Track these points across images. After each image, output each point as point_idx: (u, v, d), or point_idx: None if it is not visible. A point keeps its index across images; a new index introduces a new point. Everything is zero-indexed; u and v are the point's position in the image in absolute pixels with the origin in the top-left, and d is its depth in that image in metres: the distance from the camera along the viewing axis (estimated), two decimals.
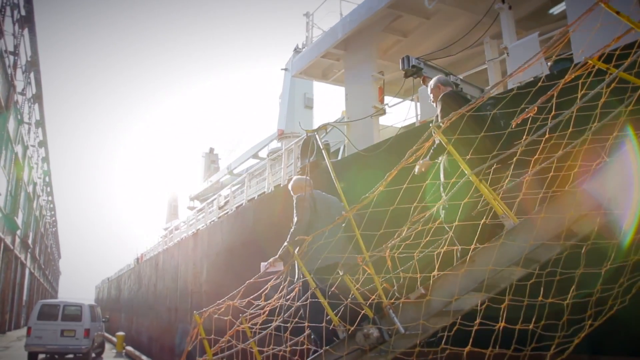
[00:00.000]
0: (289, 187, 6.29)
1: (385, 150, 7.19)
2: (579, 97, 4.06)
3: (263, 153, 32.34)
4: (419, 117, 9.84)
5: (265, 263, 5.67)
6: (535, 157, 4.30)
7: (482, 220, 4.26)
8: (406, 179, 4.66)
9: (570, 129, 4.10)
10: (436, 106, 5.31)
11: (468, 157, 4.36)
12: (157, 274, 24.36)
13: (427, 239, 4.58)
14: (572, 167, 4.09)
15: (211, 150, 45.56)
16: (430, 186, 4.98)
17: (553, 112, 4.16)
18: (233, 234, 13.43)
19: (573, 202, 3.80)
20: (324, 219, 5.42)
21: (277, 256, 5.50)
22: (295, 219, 5.54)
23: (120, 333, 26.02)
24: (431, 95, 5.51)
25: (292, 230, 5.47)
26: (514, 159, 4.34)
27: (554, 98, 4.17)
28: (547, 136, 4.24)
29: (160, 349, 20.67)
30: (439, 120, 4.90)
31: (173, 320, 19.16)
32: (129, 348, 23.73)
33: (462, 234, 4.52)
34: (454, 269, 4.12)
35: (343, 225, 4.78)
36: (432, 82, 5.51)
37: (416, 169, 5.11)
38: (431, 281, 4.16)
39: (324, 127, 6.02)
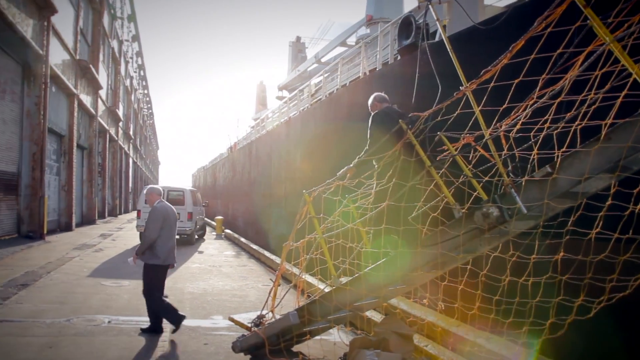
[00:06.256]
0: (144, 192, 7.93)
1: (492, 30, 6.57)
2: None
3: (351, 40, 31.47)
4: None
5: (130, 259, 7.25)
6: None
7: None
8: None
9: None
10: None
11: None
12: (250, 161, 25.14)
13: (550, 116, 4.19)
14: None
15: (298, 39, 44.93)
16: None
17: None
18: (327, 121, 13.34)
19: None
20: (166, 228, 7.20)
21: (135, 254, 7.15)
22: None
23: (219, 217, 27.61)
24: (371, 111, 6.10)
25: (144, 238, 7.07)
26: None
27: None
28: None
29: (256, 232, 21.75)
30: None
31: (268, 205, 19.90)
32: (228, 231, 25.22)
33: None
34: (586, 146, 3.74)
35: (462, 100, 4.43)
36: (370, 99, 6.29)
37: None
38: (559, 159, 3.82)
39: None
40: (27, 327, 7.01)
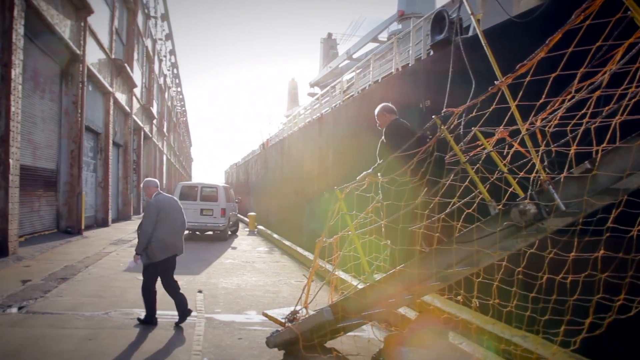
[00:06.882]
0: (141, 186, 7.77)
1: (528, 24, 6.46)
2: None
3: (383, 36, 31.31)
4: None
5: (131, 261, 7.20)
6: None
7: None
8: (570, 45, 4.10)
9: None
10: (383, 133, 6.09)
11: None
12: (282, 158, 25.25)
13: (590, 109, 4.09)
14: None
15: (329, 35, 44.93)
16: None
17: None
18: (359, 117, 13.31)
19: None
20: (166, 219, 7.10)
21: (135, 254, 7.11)
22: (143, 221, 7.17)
23: (252, 213, 27.81)
24: (378, 121, 6.30)
25: (140, 234, 7.09)
26: None
27: None
28: None
29: (289, 228, 21.84)
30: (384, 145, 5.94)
31: (300, 202, 19.96)
32: (260, 227, 25.39)
33: None
34: (627, 142, 3.65)
35: (498, 95, 4.37)
36: (377, 109, 6.31)
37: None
38: (599, 155, 3.73)
39: None
40: (68, 320, 7.22)
